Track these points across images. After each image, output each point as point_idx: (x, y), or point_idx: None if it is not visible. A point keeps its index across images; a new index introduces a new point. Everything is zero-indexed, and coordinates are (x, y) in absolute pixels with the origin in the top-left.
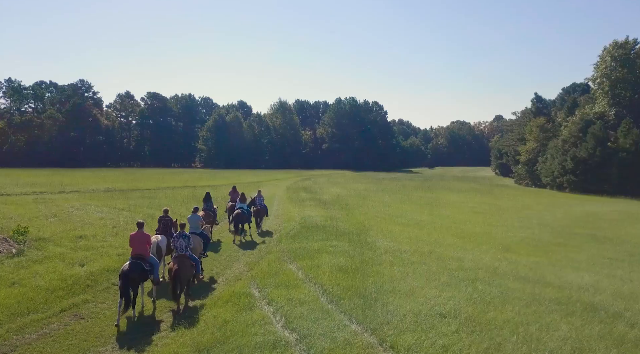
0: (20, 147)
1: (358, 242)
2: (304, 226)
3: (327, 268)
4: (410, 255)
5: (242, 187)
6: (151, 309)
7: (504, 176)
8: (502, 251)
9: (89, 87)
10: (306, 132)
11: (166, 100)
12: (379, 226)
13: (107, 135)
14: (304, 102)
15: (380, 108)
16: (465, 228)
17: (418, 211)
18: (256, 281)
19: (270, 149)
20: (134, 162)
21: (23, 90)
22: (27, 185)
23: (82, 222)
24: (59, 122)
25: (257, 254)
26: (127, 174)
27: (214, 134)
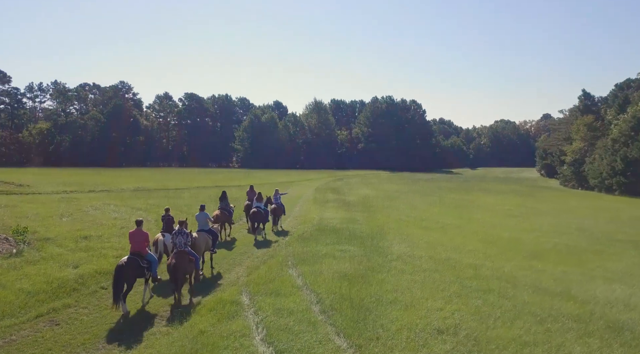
0: (65, 147)
1: (370, 246)
2: (318, 228)
3: (328, 275)
4: (424, 262)
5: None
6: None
7: (549, 177)
8: (529, 258)
9: (129, 88)
10: (342, 132)
11: (203, 100)
12: (400, 230)
13: (146, 135)
14: (340, 102)
15: (419, 107)
16: (493, 233)
17: (446, 214)
18: (250, 288)
19: (305, 150)
20: (173, 162)
21: (68, 92)
22: (62, 184)
23: (93, 222)
24: (101, 123)
25: (262, 257)
26: (161, 173)
27: (249, 135)
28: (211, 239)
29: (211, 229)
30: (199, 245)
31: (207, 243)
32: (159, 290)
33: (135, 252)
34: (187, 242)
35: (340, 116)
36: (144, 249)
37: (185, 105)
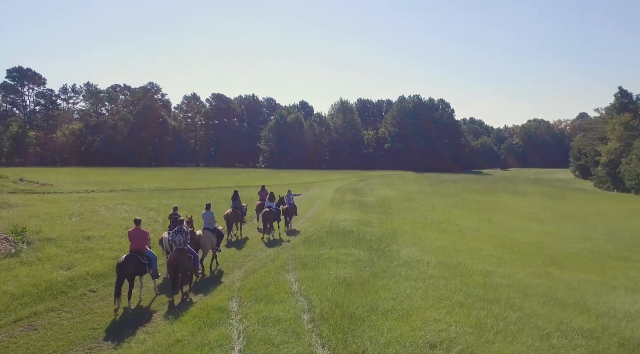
0: (96, 147)
1: (378, 250)
2: (328, 230)
3: (327, 280)
4: (432, 267)
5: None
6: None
7: (583, 178)
8: (547, 265)
9: (157, 89)
10: (368, 132)
11: (230, 101)
12: (413, 233)
13: (174, 135)
14: (366, 101)
15: (447, 106)
16: (513, 237)
17: (466, 217)
18: (242, 293)
19: (330, 150)
20: (201, 162)
21: (99, 93)
22: (85, 183)
23: (100, 223)
24: (130, 124)
25: (263, 260)
26: (186, 173)
27: (275, 135)
28: (215, 238)
29: (216, 228)
30: (204, 243)
31: (211, 242)
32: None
33: (135, 250)
34: (186, 240)
35: (367, 115)
36: (143, 246)
37: (213, 105)
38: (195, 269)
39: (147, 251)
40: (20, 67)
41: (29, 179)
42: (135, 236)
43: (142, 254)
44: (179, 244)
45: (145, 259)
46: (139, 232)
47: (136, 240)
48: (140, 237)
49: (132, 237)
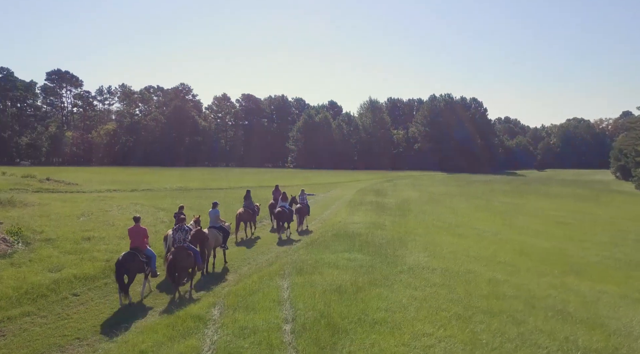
0: (129, 147)
1: (384, 255)
2: (336, 233)
3: (320, 287)
4: (437, 275)
5: (316, 187)
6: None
7: (625, 180)
8: (565, 273)
9: (188, 90)
10: (398, 132)
11: (260, 101)
12: (427, 236)
13: (204, 136)
14: (397, 100)
15: (479, 105)
16: (533, 242)
17: (488, 220)
18: (228, 299)
19: (359, 150)
20: (231, 162)
21: (132, 94)
22: (110, 183)
23: (106, 223)
24: (162, 124)
25: (261, 264)
26: (212, 173)
27: (303, 135)
28: (221, 236)
29: (222, 226)
30: (208, 241)
31: (217, 239)
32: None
33: (134, 247)
34: (186, 238)
35: (397, 115)
36: (142, 244)
37: (242, 106)
38: (198, 265)
39: (146, 249)
40: (59, 69)
41: (56, 178)
42: (134, 233)
43: (141, 252)
44: (178, 242)
45: (144, 257)
46: (139, 229)
47: (135, 238)
48: (139, 234)
49: (132, 235)
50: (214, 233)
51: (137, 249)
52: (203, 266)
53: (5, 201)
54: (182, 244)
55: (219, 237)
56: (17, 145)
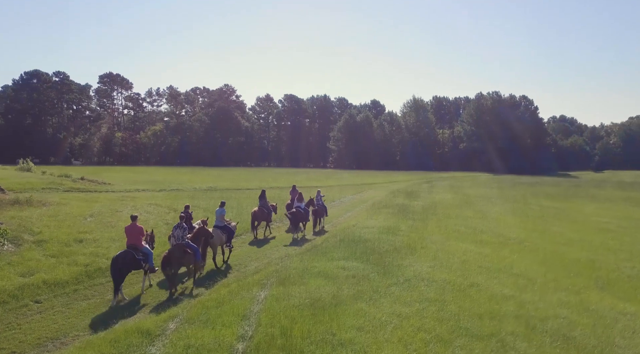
0: (174, 147)
1: (385, 264)
2: (343, 238)
3: (297, 301)
4: (435, 288)
5: (347, 189)
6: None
7: None
8: (587, 289)
9: (232, 91)
10: (444, 131)
11: (302, 101)
12: (442, 243)
13: (247, 136)
14: (442, 99)
15: (530, 103)
16: (563, 251)
17: (519, 225)
18: (191, 311)
19: (401, 149)
20: (273, 162)
21: (179, 96)
22: (142, 182)
23: (107, 224)
24: (205, 125)
25: (248, 272)
26: (250, 173)
27: (344, 135)
28: (225, 235)
29: (226, 225)
30: (212, 242)
31: (220, 239)
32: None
33: (131, 245)
34: (185, 235)
35: (442, 114)
36: (139, 242)
37: (285, 106)
38: (197, 263)
39: (143, 247)
40: (111, 72)
41: (90, 178)
42: (131, 231)
43: (138, 249)
44: (177, 239)
45: (140, 255)
46: (135, 228)
47: (132, 236)
48: (136, 233)
49: (128, 233)
50: (217, 233)
51: (134, 246)
52: (203, 264)
53: (23, 200)
54: (181, 241)
55: (222, 237)
56: (72, 145)
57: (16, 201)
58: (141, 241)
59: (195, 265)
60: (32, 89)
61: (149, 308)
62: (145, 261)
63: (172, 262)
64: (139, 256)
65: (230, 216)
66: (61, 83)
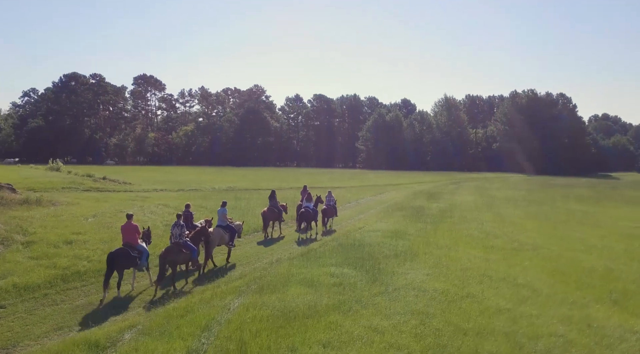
0: (205, 147)
1: (378, 271)
2: (343, 242)
3: (268, 311)
4: (424, 299)
5: (369, 189)
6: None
7: None
8: (598, 302)
9: (262, 91)
10: (477, 131)
11: (331, 101)
12: (447, 249)
13: (276, 136)
14: (476, 97)
15: (568, 101)
16: (580, 259)
17: (537, 230)
18: (151, 321)
19: (432, 150)
20: (302, 162)
21: (210, 96)
22: (162, 182)
23: (105, 225)
24: (235, 125)
25: (232, 277)
26: (275, 173)
27: (373, 134)
28: (228, 235)
29: (229, 224)
30: (212, 239)
31: (222, 238)
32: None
33: (126, 243)
34: (183, 233)
35: (475, 113)
36: (134, 240)
37: (314, 106)
38: (193, 261)
39: (138, 245)
40: (145, 74)
41: (112, 178)
42: (126, 230)
43: (133, 247)
44: (175, 237)
45: (135, 252)
46: (130, 226)
47: (127, 234)
48: (131, 231)
49: (124, 232)
50: (219, 232)
51: (129, 244)
52: (203, 264)
53: (33, 200)
54: (178, 239)
55: (224, 236)
56: (107, 146)
57: (25, 201)
58: (136, 239)
59: (193, 264)
60: (71, 91)
61: (120, 313)
62: (139, 259)
63: (166, 260)
64: (133, 253)
65: (237, 216)
66: (97, 85)
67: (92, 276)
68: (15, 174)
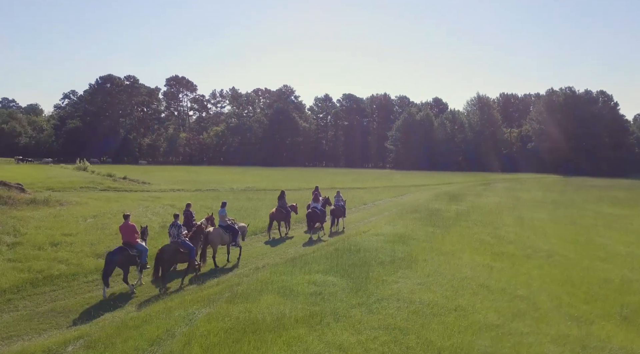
0: (235, 147)
1: (366, 279)
2: (339, 248)
3: (230, 323)
4: (406, 311)
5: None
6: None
7: None
8: (605, 319)
9: (291, 91)
10: (512, 130)
11: (361, 101)
12: (450, 256)
13: (305, 136)
14: (510, 96)
15: (609, 98)
16: (596, 268)
17: (559, 235)
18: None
19: (464, 150)
20: (331, 162)
21: (240, 97)
22: (181, 182)
23: (100, 227)
24: (264, 125)
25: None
26: (299, 173)
27: (403, 134)
28: (229, 235)
29: (230, 225)
30: (212, 240)
31: (222, 238)
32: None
33: (126, 242)
34: (180, 233)
35: (510, 111)
36: (133, 239)
37: (344, 106)
38: (191, 261)
39: (137, 244)
40: (177, 75)
41: (132, 177)
42: (125, 230)
43: (133, 246)
44: (173, 237)
45: (135, 251)
46: (128, 226)
47: (126, 233)
48: (129, 230)
49: (122, 231)
50: (219, 232)
51: (128, 243)
52: (201, 264)
53: (40, 200)
54: (176, 239)
55: (224, 236)
56: (140, 146)
57: (33, 201)
58: (135, 238)
59: (190, 264)
60: (106, 93)
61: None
62: (139, 258)
63: (163, 259)
64: (132, 252)
65: (240, 217)
66: (132, 86)
67: (64, 280)
68: (41, 174)
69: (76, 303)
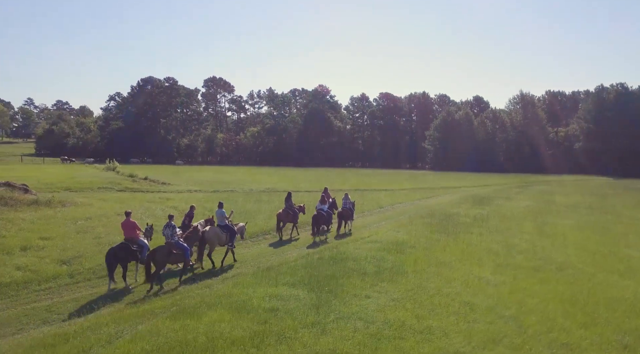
0: (270, 148)
1: (334, 293)
2: (323, 256)
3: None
4: (364, 334)
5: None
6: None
7: None
8: (604, 348)
9: (327, 91)
10: (559, 130)
11: (398, 100)
12: (446, 267)
13: (340, 136)
14: (557, 93)
15: None
16: (612, 284)
17: (580, 245)
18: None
19: (505, 150)
20: (367, 163)
21: (276, 97)
22: (207, 183)
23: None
24: (299, 126)
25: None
26: (329, 174)
27: (441, 134)
28: (226, 235)
29: (227, 225)
30: (209, 239)
31: (219, 238)
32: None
33: (128, 238)
34: (174, 233)
35: (557, 110)
36: (135, 235)
37: (380, 105)
38: (185, 262)
39: (139, 240)
40: (214, 76)
41: (153, 178)
42: (126, 226)
43: (134, 242)
44: (167, 238)
45: (136, 247)
46: (129, 222)
47: (127, 230)
48: (130, 227)
49: (124, 228)
50: (216, 232)
51: (131, 239)
52: (193, 264)
53: (43, 201)
54: (170, 240)
55: (221, 236)
56: (179, 146)
57: (34, 202)
58: (137, 234)
59: (185, 264)
60: (147, 95)
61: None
62: (140, 253)
63: (155, 259)
64: (134, 248)
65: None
66: (171, 88)
67: (14, 289)
68: (68, 174)
69: (12, 315)
